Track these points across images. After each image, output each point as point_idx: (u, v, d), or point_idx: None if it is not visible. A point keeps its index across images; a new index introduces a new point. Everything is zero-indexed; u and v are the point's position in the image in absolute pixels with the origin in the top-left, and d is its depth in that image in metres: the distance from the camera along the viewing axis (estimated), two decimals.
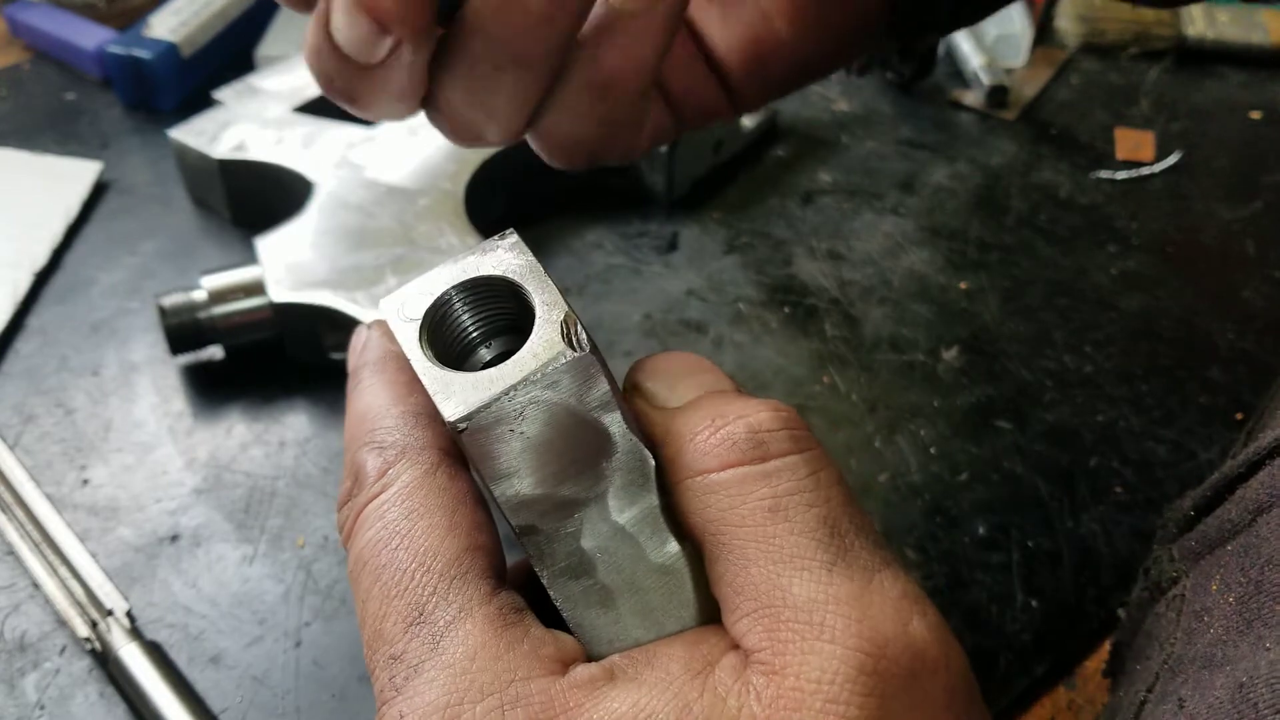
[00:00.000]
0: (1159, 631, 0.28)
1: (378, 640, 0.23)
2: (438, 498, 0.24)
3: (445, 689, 0.22)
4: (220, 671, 0.40)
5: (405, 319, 0.24)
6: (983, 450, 0.49)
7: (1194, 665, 0.25)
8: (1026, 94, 0.72)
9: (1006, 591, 0.43)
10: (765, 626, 0.22)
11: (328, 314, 0.48)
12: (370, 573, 0.24)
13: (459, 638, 0.23)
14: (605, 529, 0.24)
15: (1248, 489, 0.27)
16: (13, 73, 0.71)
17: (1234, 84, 0.75)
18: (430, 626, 0.23)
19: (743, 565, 0.23)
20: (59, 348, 0.52)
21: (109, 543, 0.44)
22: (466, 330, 0.25)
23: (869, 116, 0.70)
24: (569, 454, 0.23)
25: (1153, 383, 0.52)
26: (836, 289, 0.57)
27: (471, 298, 0.25)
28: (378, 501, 0.25)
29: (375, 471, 0.25)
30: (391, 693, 0.23)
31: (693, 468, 0.24)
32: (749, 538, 0.23)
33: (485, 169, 0.56)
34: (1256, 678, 0.21)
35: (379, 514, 0.25)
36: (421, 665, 0.22)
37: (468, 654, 0.22)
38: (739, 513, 0.23)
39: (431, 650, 0.23)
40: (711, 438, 0.24)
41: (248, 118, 0.58)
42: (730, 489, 0.23)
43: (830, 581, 0.22)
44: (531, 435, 0.23)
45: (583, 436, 0.23)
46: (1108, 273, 0.59)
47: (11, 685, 0.39)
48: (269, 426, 0.49)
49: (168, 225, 0.59)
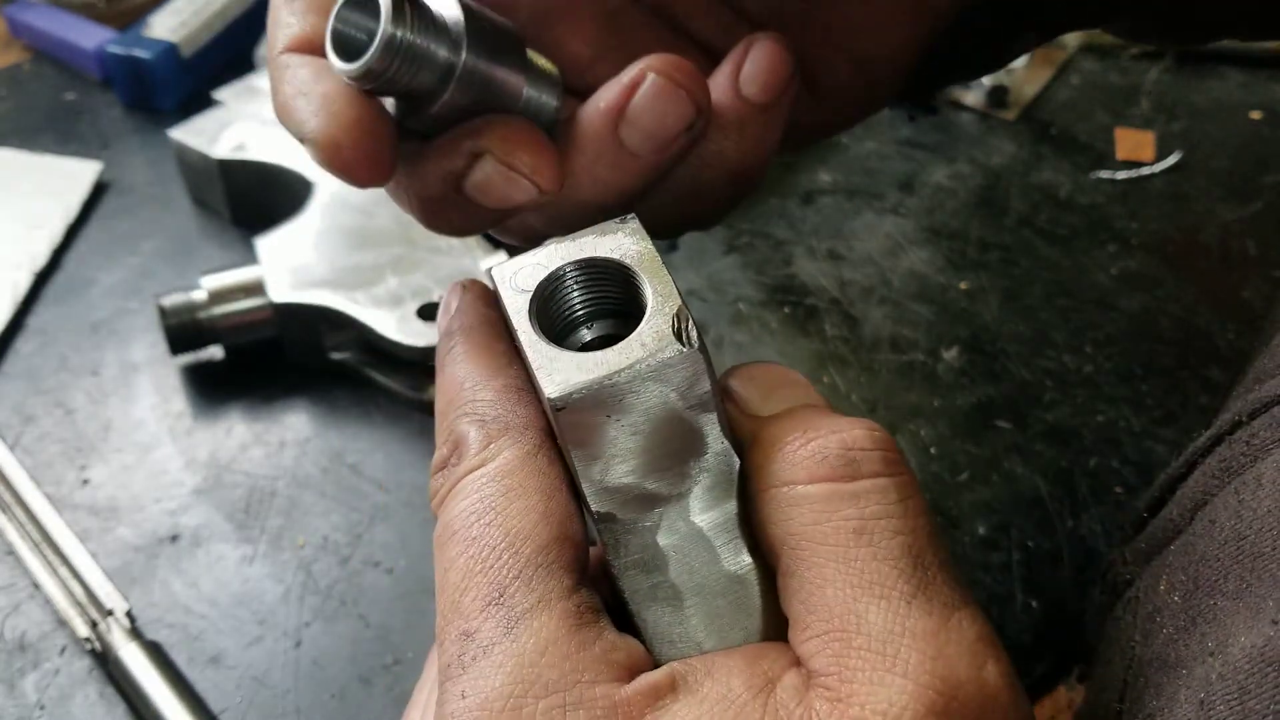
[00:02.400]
0: (1118, 635, 0.28)
1: (454, 612, 0.23)
2: (536, 480, 0.24)
3: (511, 678, 0.22)
4: (220, 671, 0.40)
5: (517, 289, 0.24)
6: (983, 450, 0.49)
7: (1151, 668, 0.25)
8: (1027, 94, 0.72)
9: (1007, 592, 0.43)
10: (835, 651, 0.21)
11: (328, 314, 0.48)
12: (459, 543, 0.24)
13: (534, 628, 0.22)
14: (683, 528, 0.24)
15: (1185, 488, 0.27)
16: (13, 73, 0.71)
17: (1234, 84, 0.75)
18: (508, 610, 0.23)
19: (819, 584, 0.22)
20: (59, 348, 0.52)
21: (109, 543, 0.44)
22: (573, 308, 0.25)
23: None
24: (661, 448, 0.23)
25: (1152, 382, 0.52)
26: (836, 289, 0.57)
27: (584, 277, 0.25)
28: (478, 474, 0.25)
29: (478, 444, 0.25)
30: (459, 670, 0.22)
31: (779, 477, 0.23)
32: (829, 557, 0.22)
33: None
34: (1213, 694, 0.21)
35: (477, 486, 0.24)
36: (492, 648, 0.22)
37: (539, 646, 0.22)
38: (822, 529, 0.22)
39: (505, 634, 0.22)
40: (802, 449, 0.23)
41: (247, 117, 0.58)
42: (816, 504, 0.23)
43: (908, 614, 0.21)
44: (627, 424, 0.23)
45: (677, 433, 0.23)
46: (1108, 273, 0.59)
47: (12, 685, 0.39)
48: (269, 427, 0.49)
49: (168, 225, 0.59)
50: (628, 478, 0.23)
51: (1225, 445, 0.26)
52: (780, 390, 0.26)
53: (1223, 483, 0.25)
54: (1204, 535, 0.25)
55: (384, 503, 0.46)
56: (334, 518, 0.45)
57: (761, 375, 0.26)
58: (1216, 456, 0.26)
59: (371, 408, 0.50)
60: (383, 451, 0.48)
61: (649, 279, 0.24)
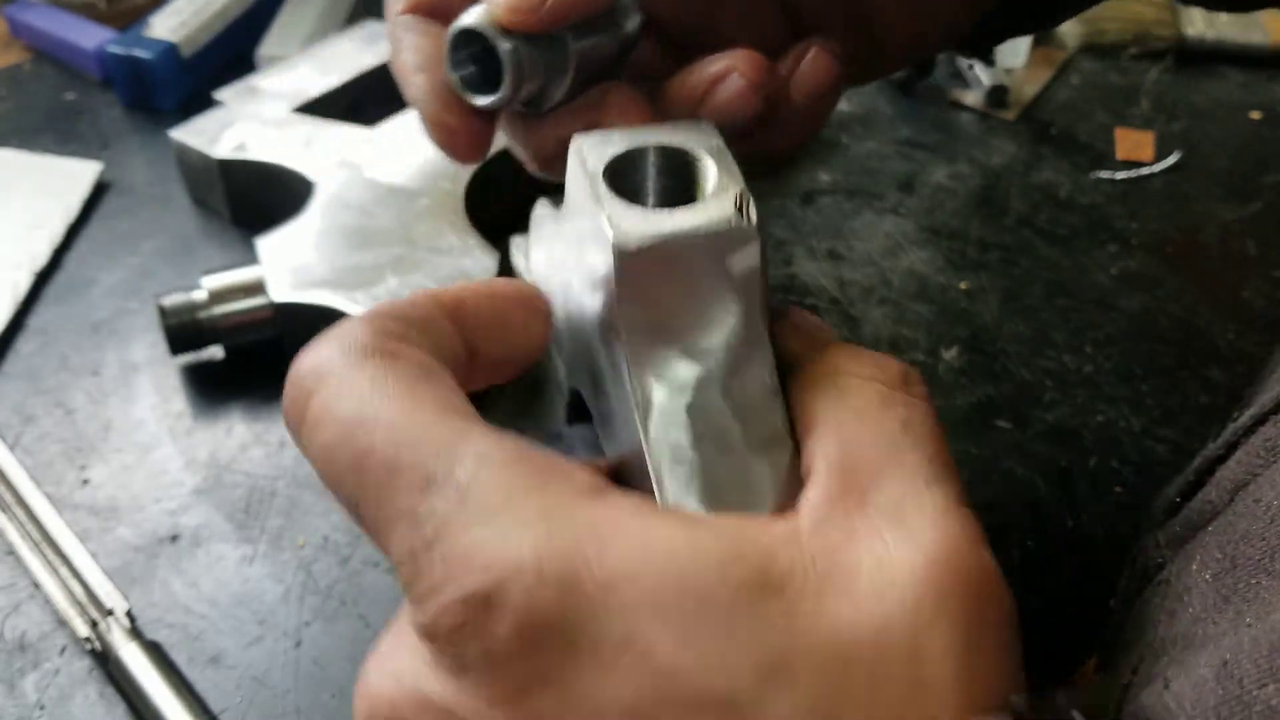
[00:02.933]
0: (1144, 618, 0.28)
1: (389, 524, 0.21)
2: (380, 383, 0.23)
3: (484, 529, 0.20)
4: (220, 671, 0.40)
5: (590, 156, 0.26)
6: (982, 450, 0.49)
7: (1176, 646, 0.25)
8: (1026, 94, 0.72)
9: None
10: (844, 510, 0.22)
11: (328, 314, 0.48)
12: (351, 474, 0.22)
13: (486, 485, 0.21)
14: (710, 400, 0.24)
15: (1226, 469, 0.27)
16: (12, 73, 0.71)
17: (1234, 84, 0.75)
18: (447, 486, 0.21)
19: (854, 451, 0.23)
20: (59, 348, 0.52)
21: (109, 543, 0.44)
22: (644, 187, 0.27)
23: (869, 116, 0.70)
24: (704, 316, 0.24)
25: (1152, 382, 0.52)
26: (836, 289, 0.57)
27: (660, 160, 0.27)
28: (320, 399, 0.23)
29: (302, 384, 0.23)
30: (423, 548, 0.21)
31: (840, 367, 0.24)
32: (874, 432, 0.23)
33: (485, 169, 0.56)
34: (1240, 654, 0.20)
35: (327, 411, 0.23)
36: (450, 518, 0.21)
37: (502, 496, 0.21)
38: (872, 414, 0.23)
39: (459, 504, 0.21)
40: (864, 354, 0.25)
41: (248, 118, 0.58)
42: (872, 394, 0.24)
43: (925, 492, 0.22)
44: (679, 284, 0.24)
45: (722, 305, 0.24)
46: (1108, 273, 0.59)
47: (11, 685, 0.39)
48: (269, 427, 0.49)
49: (168, 225, 0.59)
50: (665, 339, 0.24)
51: (1270, 424, 0.26)
52: (824, 331, 0.27)
53: (1268, 462, 0.25)
54: (1246, 514, 0.25)
55: None
56: (334, 518, 0.45)
57: (807, 318, 0.27)
58: (1260, 436, 0.26)
59: None
60: None
61: (719, 164, 0.26)
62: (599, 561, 0.20)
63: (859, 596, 0.20)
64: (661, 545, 0.20)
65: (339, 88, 0.61)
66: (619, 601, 0.19)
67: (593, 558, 0.20)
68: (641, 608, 0.19)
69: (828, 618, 0.20)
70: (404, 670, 0.22)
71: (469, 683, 0.20)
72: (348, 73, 0.62)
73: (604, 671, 0.19)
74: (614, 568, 0.20)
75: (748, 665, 0.19)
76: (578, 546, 0.20)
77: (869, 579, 0.20)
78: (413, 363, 0.23)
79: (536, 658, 0.20)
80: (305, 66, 0.62)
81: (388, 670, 0.23)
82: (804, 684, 0.19)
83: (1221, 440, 0.28)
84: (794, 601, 0.20)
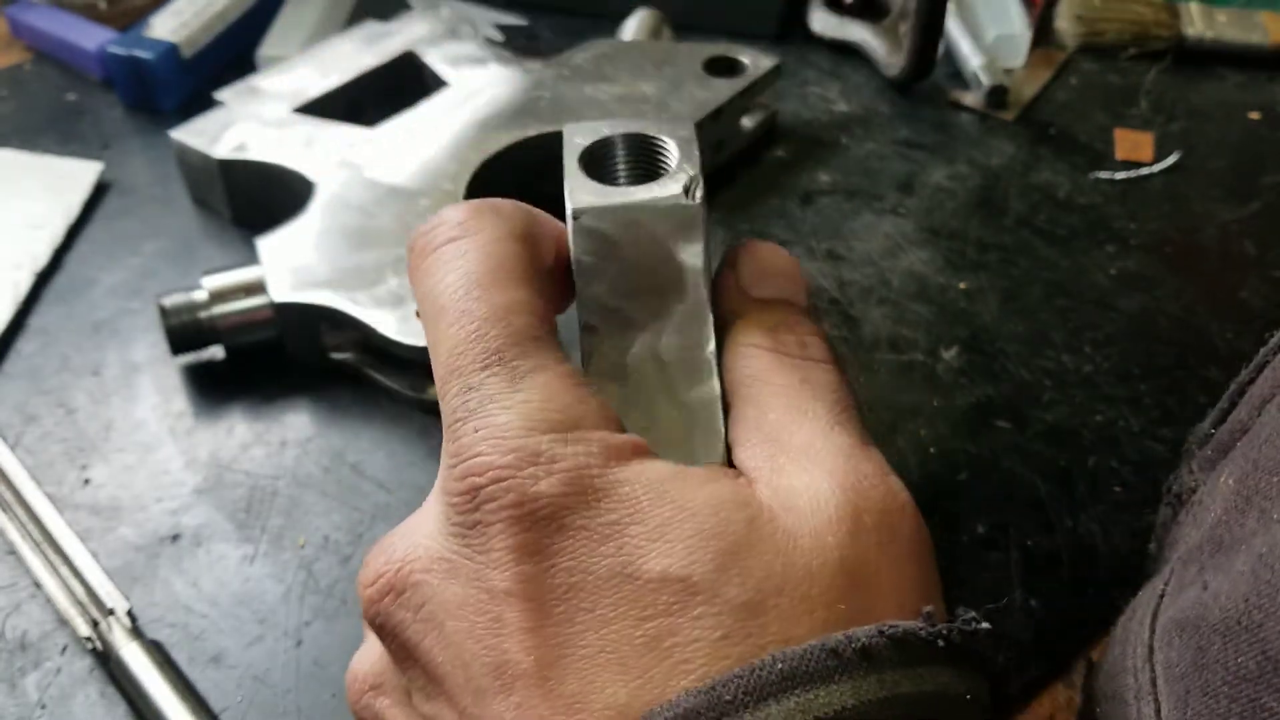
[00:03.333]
0: (1176, 538, 0.30)
1: (453, 374, 0.25)
2: (516, 263, 0.27)
3: (520, 415, 0.24)
4: (221, 671, 0.40)
5: (574, 143, 0.29)
6: (982, 450, 0.49)
7: (1204, 551, 0.26)
8: (1025, 94, 0.72)
9: (1005, 591, 0.43)
10: (768, 453, 0.26)
11: (329, 313, 0.48)
12: (449, 316, 0.26)
13: (536, 383, 0.25)
14: (651, 355, 0.27)
15: (1254, 389, 0.29)
16: (14, 73, 0.71)
17: (1233, 84, 0.75)
18: (508, 369, 0.25)
19: (762, 412, 0.26)
20: (60, 348, 0.52)
21: (110, 542, 0.44)
22: (616, 168, 0.30)
23: (868, 117, 0.70)
24: (649, 280, 0.27)
25: (1151, 382, 0.52)
26: (836, 289, 0.57)
27: (630, 147, 0.30)
28: (459, 244, 0.27)
29: (459, 215, 0.27)
30: (465, 413, 0.25)
31: (747, 340, 0.28)
32: (775, 393, 0.27)
33: (486, 170, 0.56)
34: (1276, 546, 0.22)
35: (459, 257, 0.26)
36: (498, 396, 0.24)
37: (543, 396, 0.25)
38: (773, 374, 0.27)
39: (509, 388, 0.25)
40: (766, 327, 0.28)
41: (249, 118, 0.58)
42: (770, 362, 0.27)
43: (830, 434, 0.26)
44: (625, 248, 0.27)
45: (665, 272, 0.27)
46: (1107, 273, 0.59)
47: (13, 685, 0.39)
48: (270, 426, 0.49)
49: (169, 225, 0.60)
50: (614, 298, 0.27)
51: None
52: (772, 278, 0.30)
53: None
54: (1269, 423, 0.27)
55: (385, 502, 0.46)
56: (335, 517, 0.45)
57: (763, 255, 0.30)
58: None
59: (372, 407, 0.50)
60: (384, 451, 0.48)
61: (681, 153, 0.29)
62: (601, 472, 0.24)
63: (796, 513, 0.24)
64: (654, 470, 0.24)
65: (339, 88, 0.61)
66: (609, 503, 0.24)
67: (597, 466, 0.24)
68: (626, 507, 0.24)
69: (773, 526, 0.24)
70: (418, 529, 0.26)
71: (474, 542, 0.24)
72: (348, 73, 0.62)
73: (589, 550, 0.23)
74: (612, 478, 0.24)
75: (709, 555, 0.23)
76: (588, 457, 0.24)
77: (804, 501, 0.24)
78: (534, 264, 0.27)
79: (534, 531, 0.23)
80: (306, 67, 0.62)
81: (402, 532, 0.26)
82: (754, 575, 0.23)
83: (1253, 364, 0.30)
84: (753, 515, 0.24)
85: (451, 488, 0.24)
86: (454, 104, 0.60)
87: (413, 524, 0.26)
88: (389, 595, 0.25)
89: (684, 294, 0.27)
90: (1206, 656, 0.23)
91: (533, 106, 0.60)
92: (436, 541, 0.25)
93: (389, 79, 0.64)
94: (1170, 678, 0.25)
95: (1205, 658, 0.24)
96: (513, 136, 0.57)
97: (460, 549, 0.24)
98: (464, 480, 0.24)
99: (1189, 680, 0.24)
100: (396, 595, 0.25)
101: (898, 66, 0.71)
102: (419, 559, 0.25)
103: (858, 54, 0.75)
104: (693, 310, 0.27)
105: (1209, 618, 0.24)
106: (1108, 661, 0.29)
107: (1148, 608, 0.28)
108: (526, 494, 0.23)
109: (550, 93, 0.61)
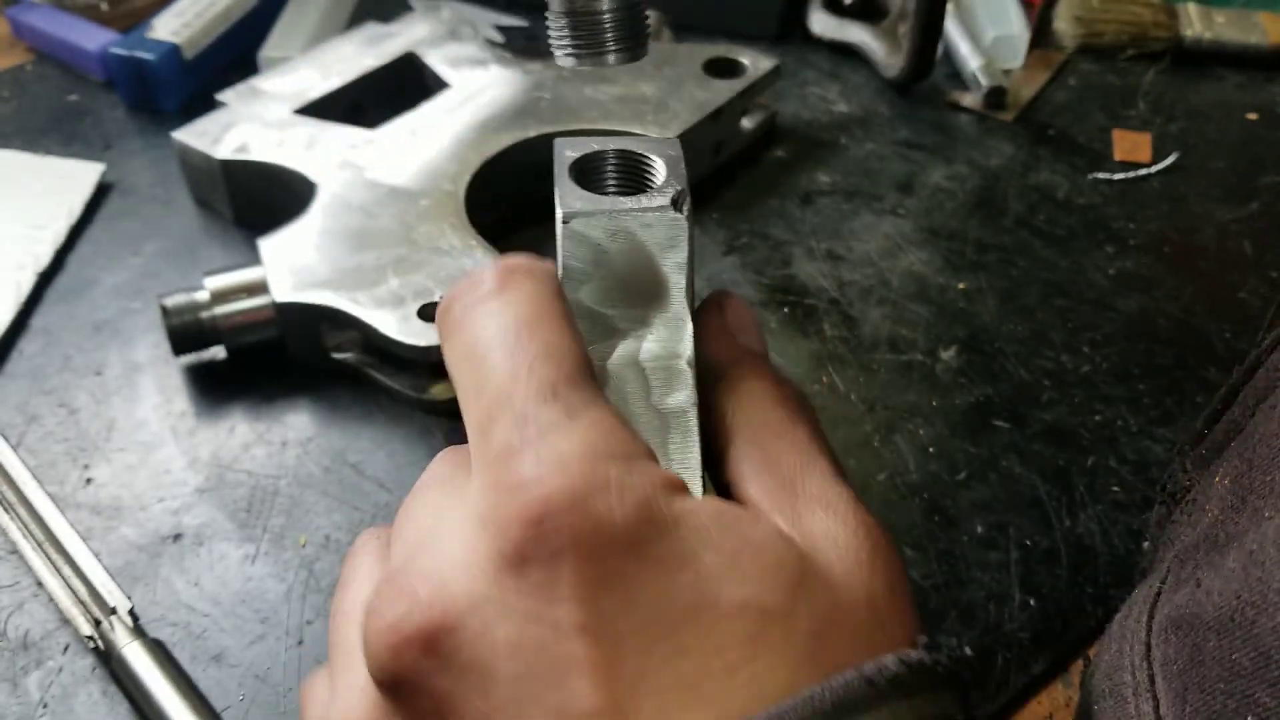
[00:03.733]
0: (1172, 536, 0.30)
1: (503, 408, 0.24)
2: (560, 309, 0.27)
3: (584, 444, 0.24)
4: (222, 670, 0.40)
5: (564, 155, 0.30)
6: (981, 450, 0.49)
7: (1200, 550, 0.27)
8: (1024, 95, 0.72)
9: (1004, 590, 0.43)
10: (788, 498, 0.26)
11: (330, 314, 0.48)
12: (500, 351, 0.25)
13: (594, 417, 0.24)
14: (628, 360, 0.28)
15: (1249, 389, 0.30)
16: (16, 74, 0.71)
17: (1231, 85, 0.75)
18: (565, 402, 0.24)
19: (774, 458, 0.27)
20: (62, 348, 0.53)
21: (112, 542, 0.44)
22: (605, 180, 0.31)
23: (868, 118, 0.70)
24: (632, 288, 0.28)
25: (1150, 382, 0.52)
26: (835, 289, 0.57)
27: (620, 163, 0.30)
28: (504, 298, 0.26)
29: (498, 274, 0.27)
30: (522, 443, 0.24)
31: (752, 390, 0.29)
32: (788, 446, 0.27)
33: (486, 170, 0.56)
34: (1265, 543, 0.23)
35: (505, 308, 0.26)
36: (559, 426, 0.24)
37: (604, 428, 0.24)
38: (785, 428, 0.28)
39: (567, 418, 0.24)
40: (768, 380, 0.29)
41: (250, 119, 0.58)
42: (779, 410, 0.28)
43: (836, 485, 0.27)
44: (612, 255, 0.28)
45: (649, 281, 0.28)
46: (1105, 273, 0.59)
47: (15, 684, 0.40)
48: (271, 426, 0.49)
49: (170, 226, 0.60)
50: (599, 304, 0.28)
51: None
52: (749, 330, 0.31)
53: None
54: (1264, 421, 0.27)
55: (386, 502, 0.46)
56: (336, 517, 0.45)
57: (740, 308, 0.31)
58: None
59: (373, 407, 0.50)
60: (385, 451, 0.48)
61: (669, 172, 0.29)
62: (666, 502, 0.24)
63: (825, 555, 0.25)
64: (711, 503, 0.25)
65: (341, 89, 0.61)
66: (681, 531, 0.23)
67: (662, 497, 0.24)
68: (698, 537, 0.23)
69: (816, 563, 0.25)
70: (443, 567, 0.24)
71: (535, 576, 0.22)
72: (349, 74, 0.62)
73: (667, 580, 0.23)
74: (678, 508, 0.24)
75: (780, 586, 0.23)
76: (652, 487, 0.24)
77: (828, 544, 0.25)
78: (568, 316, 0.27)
79: (607, 561, 0.22)
80: (307, 68, 0.62)
81: (418, 572, 0.24)
82: (818, 606, 0.24)
83: (1246, 364, 0.30)
84: (802, 553, 0.25)
85: (507, 517, 0.23)
86: (455, 105, 0.60)
87: (432, 562, 0.24)
88: (418, 646, 0.23)
89: (666, 304, 0.28)
90: (1202, 653, 0.24)
91: (533, 107, 0.60)
92: (478, 581, 0.23)
93: (390, 80, 0.64)
94: (1168, 675, 0.25)
95: (1201, 654, 0.24)
96: (513, 137, 0.58)
97: (515, 585, 0.22)
98: (527, 509, 0.22)
99: (1186, 677, 0.25)
100: (428, 645, 0.23)
101: (897, 67, 0.71)
102: (455, 600, 0.23)
103: (857, 55, 0.75)
104: (673, 320, 0.28)
105: (1204, 615, 0.24)
106: (1105, 659, 0.29)
107: (1144, 606, 0.28)
108: (602, 521, 0.22)
109: (550, 94, 0.61)
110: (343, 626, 0.28)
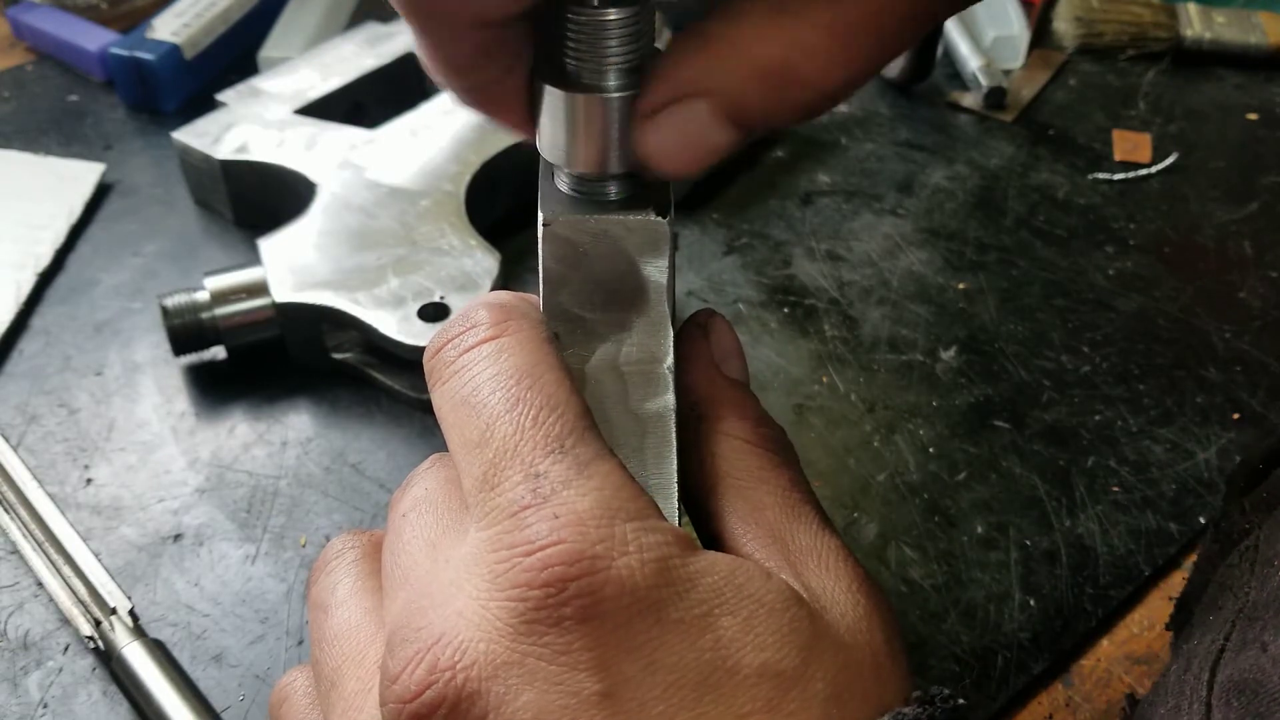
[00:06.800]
0: (1232, 582, 0.30)
1: (511, 461, 0.24)
2: (555, 356, 0.26)
3: (599, 502, 0.23)
4: (223, 670, 0.40)
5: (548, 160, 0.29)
6: (981, 450, 0.49)
7: (1269, 610, 0.26)
8: (1024, 96, 0.73)
9: (1004, 590, 0.43)
10: (779, 552, 0.26)
11: (330, 314, 0.48)
12: (503, 401, 0.25)
13: (603, 471, 0.24)
14: (607, 364, 0.28)
15: None
16: (16, 74, 0.71)
17: (1231, 85, 0.75)
18: (574, 457, 0.24)
19: (758, 509, 0.27)
20: (62, 348, 0.53)
21: (112, 542, 0.44)
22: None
23: (868, 118, 0.70)
24: (613, 292, 0.28)
25: (1150, 382, 0.52)
26: (835, 289, 0.57)
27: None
28: (498, 343, 0.26)
29: (492, 316, 0.26)
30: (536, 499, 0.23)
31: (733, 434, 0.28)
32: (770, 493, 0.27)
33: (486, 170, 0.56)
34: None
35: (499, 352, 0.26)
36: (570, 482, 0.23)
37: (613, 484, 0.24)
38: (766, 474, 0.27)
39: (578, 474, 0.24)
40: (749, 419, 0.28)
41: (250, 119, 0.58)
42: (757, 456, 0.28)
43: (823, 536, 0.27)
44: (593, 259, 0.27)
45: (630, 286, 0.28)
46: (1105, 273, 0.59)
47: (15, 684, 0.40)
48: (271, 426, 0.49)
49: (171, 226, 0.60)
50: (578, 306, 0.28)
51: None
52: (734, 358, 0.30)
53: None
54: None
55: (386, 502, 0.46)
56: (336, 517, 0.45)
57: (725, 331, 0.30)
58: None
59: (373, 408, 0.50)
60: (384, 451, 0.48)
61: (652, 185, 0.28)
62: (682, 561, 0.23)
63: (828, 613, 0.25)
64: (722, 561, 0.24)
65: (341, 89, 0.61)
66: (699, 593, 0.23)
67: (677, 556, 0.23)
68: (715, 599, 0.23)
69: (824, 623, 0.25)
70: (460, 627, 0.23)
71: (555, 640, 0.22)
72: (349, 75, 0.62)
73: (686, 645, 0.22)
74: (694, 568, 0.23)
75: (795, 649, 0.23)
76: (667, 546, 0.23)
77: (829, 602, 0.25)
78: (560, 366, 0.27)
79: (629, 625, 0.22)
80: (307, 68, 0.62)
81: (434, 632, 0.23)
82: (829, 668, 0.23)
83: None
84: (811, 613, 0.24)
85: (524, 579, 0.22)
86: (454, 105, 0.60)
87: (446, 622, 0.23)
88: (440, 710, 0.22)
89: (646, 308, 0.28)
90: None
91: None
92: (496, 644, 0.22)
93: (390, 80, 0.64)
94: None
95: None
96: (513, 138, 0.58)
97: (536, 649, 0.22)
98: (545, 571, 0.22)
99: None
100: (451, 709, 0.22)
101: (897, 68, 0.71)
102: (476, 664, 0.22)
103: None
104: (654, 325, 0.28)
105: (1268, 684, 0.24)
106: (1161, 713, 0.29)
107: (1205, 662, 0.28)
108: (624, 585, 0.22)
109: None
110: (332, 658, 0.27)
